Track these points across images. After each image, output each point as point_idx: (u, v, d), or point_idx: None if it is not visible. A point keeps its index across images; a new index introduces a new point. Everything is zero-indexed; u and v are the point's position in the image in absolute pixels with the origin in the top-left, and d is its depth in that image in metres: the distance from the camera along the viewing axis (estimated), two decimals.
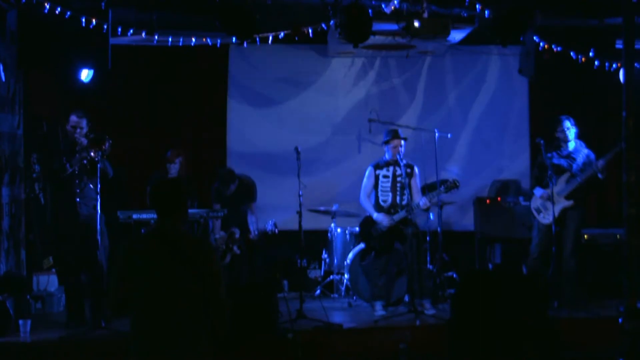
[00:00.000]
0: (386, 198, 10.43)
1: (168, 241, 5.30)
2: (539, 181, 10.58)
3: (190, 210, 9.66)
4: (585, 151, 10.41)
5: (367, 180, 10.57)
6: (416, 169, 10.59)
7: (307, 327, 9.30)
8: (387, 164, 10.47)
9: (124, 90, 12.12)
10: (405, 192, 10.30)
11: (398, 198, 10.37)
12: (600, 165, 10.03)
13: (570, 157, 10.40)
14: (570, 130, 10.41)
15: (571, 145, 10.44)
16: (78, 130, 9.53)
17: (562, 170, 10.35)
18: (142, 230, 9.90)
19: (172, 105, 12.54)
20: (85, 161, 9.37)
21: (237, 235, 10.61)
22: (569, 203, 10.21)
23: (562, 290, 10.14)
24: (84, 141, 9.44)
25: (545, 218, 10.33)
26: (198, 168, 12.34)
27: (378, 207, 10.42)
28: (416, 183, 10.60)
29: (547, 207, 10.31)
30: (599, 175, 10.10)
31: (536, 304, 8.72)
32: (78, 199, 9.49)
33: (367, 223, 10.50)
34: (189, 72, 12.46)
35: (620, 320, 8.75)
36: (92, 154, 9.25)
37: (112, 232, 10.01)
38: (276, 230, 10.71)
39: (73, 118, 9.58)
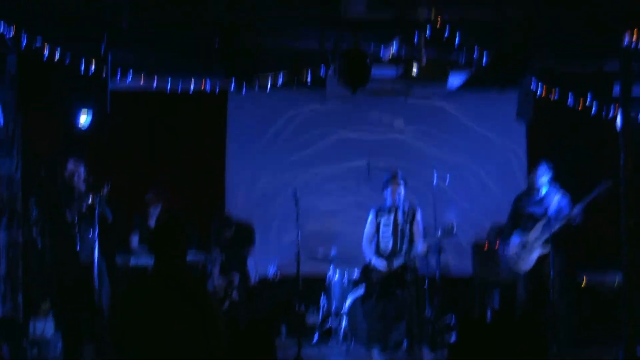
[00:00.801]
0: (387, 244, 10.46)
1: (168, 281, 5.28)
2: (513, 229, 10.59)
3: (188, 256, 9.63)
4: (557, 197, 10.42)
5: (369, 227, 10.63)
6: (418, 214, 10.61)
7: None
8: (388, 210, 10.50)
9: (123, 133, 12.16)
10: (406, 238, 10.31)
11: (399, 245, 10.37)
12: (575, 214, 10.02)
13: (542, 202, 10.42)
14: (544, 176, 10.45)
15: (544, 190, 10.47)
16: (76, 176, 9.56)
17: (535, 218, 10.36)
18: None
19: (171, 149, 12.59)
20: (84, 209, 9.38)
21: (237, 282, 10.55)
22: (547, 250, 10.18)
23: (559, 335, 10.10)
24: (83, 187, 9.46)
25: (524, 266, 10.34)
26: (197, 212, 12.32)
27: (379, 253, 10.43)
28: (418, 228, 10.61)
29: (523, 254, 10.32)
30: (573, 223, 10.09)
31: (534, 351, 8.70)
32: (79, 245, 9.48)
33: (368, 268, 10.51)
34: (188, 115, 12.48)
35: None
36: (90, 199, 9.27)
37: (113, 275, 10.01)
38: (278, 275, 10.68)
39: (70, 166, 9.65)
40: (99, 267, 9.71)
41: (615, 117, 10.73)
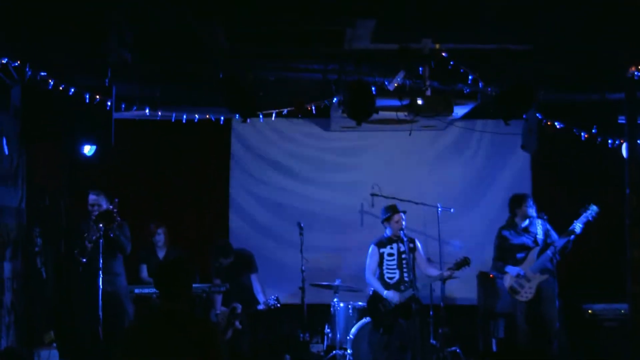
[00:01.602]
0: (393, 275, 10.44)
1: (173, 323, 5.28)
2: (503, 261, 10.59)
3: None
4: (539, 221, 10.53)
5: (370, 260, 10.59)
6: (418, 243, 10.61)
7: None
8: (389, 241, 10.49)
9: (127, 163, 12.16)
10: (411, 269, 10.30)
11: (405, 275, 10.36)
12: (578, 231, 10.07)
13: (528, 231, 10.47)
14: (534, 207, 10.59)
15: (526, 221, 10.58)
16: (96, 207, 9.61)
17: (527, 247, 10.38)
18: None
19: (175, 179, 12.65)
20: (100, 233, 9.36)
21: (239, 310, 10.51)
22: (545, 277, 10.19)
23: None
24: (95, 214, 9.53)
25: (523, 296, 10.33)
26: (200, 242, 12.34)
27: (385, 284, 10.40)
28: (421, 255, 10.62)
29: (522, 284, 10.31)
30: (571, 238, 10.12)
31: None
32: (100, 275, 9.47)
33: (375, 300, 10.48)
34: (192, 144, 12.49)
35: None
36: (100, 229, 9.28)
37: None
38: (278, 305, 10.66)
39: (91, 197, 9.72)
40: (124, 295, 9.78)
41: (620, 146, 10.75)
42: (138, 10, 8.51)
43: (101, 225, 9.31)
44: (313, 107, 10.34)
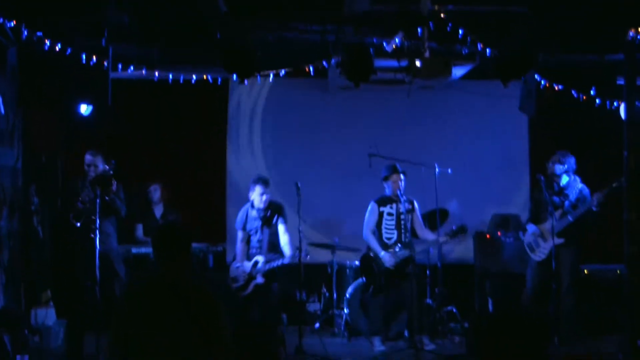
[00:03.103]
0: (391, 236, 10.39)
1: (170, 289, 5.24)
2: (534, 217, 10.56)
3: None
4: (579, 186, 10.36)
5: (370, 217, 10.52)
6: (416, 204, 10.58)
7: None
8: (390, 201, 10.44)
9: (123, 124, 12.12)
10: (409, 230, 10.29)
11: (403, 236, 10.33)
12: (597, 201, 9.96)
13: (562, 193, 10.36)
14: (564, 165, 10.39)
15: (564, 180, 10.39)
16: (92, 168, 9.55)
17: (555, 206, 10.27)
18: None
19: (172, 139, 12.62)
20: (92, 195, 9.35)
21: (260, 265, 10.28)
22: (560, 241, 10.12)
23: (561, 327, 10.10)
24: (92, 176, 9.50)
25: (538, 255, 10.31)
26: (198, 202, 12.36)
27: (382, 245, 10.39)
28: (418, 218, 10.60)
29: (539, 244, 10.29)
30: (593, 209, 10.02)
31: (536, 343, 8.73)
32: (92, 235, 9.45)
33: (368, 258, 10.45)
34: (189, 105, 12.44)
35: (620, 356, 8.81)
36: (97, 192, 9.27)
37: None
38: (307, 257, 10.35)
39: (88, 157, 9.63)
40: (115, 256, 9.76)
41: (618, 107, 10.73)
42: None
43: (98, 188, 9.32)
44: (311, 68, 10.30)
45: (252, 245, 10.34)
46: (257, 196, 10.20)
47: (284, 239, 10.28)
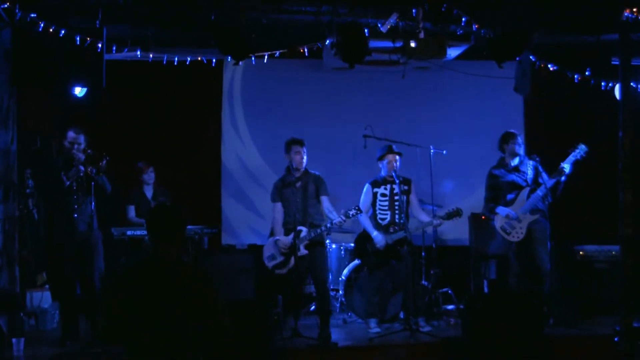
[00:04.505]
0: (385, 216, 10.39)
1: (164, 270, 5.24)
2: (495, 201, 10.56)
3: None
4: (530, 162, 10.45)
5: (364, 197, 10.51)
6: (412, 185, 10.55)
7: (301, 345, 9.31)
8: (384, 182, 10.43)
9: (118, 105, 12.11)
10: (403, 210, 10.28)
11: (397, 216, 10.32)
12: (568, 170, 10.02)
13: (518, 170, 10.41)
14: (522, 145, 10.55)
15: (516, 159, 10.51)
16: (75, 146, 9.53)
17: (517, 186, 10.34)
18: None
19: (167, 121, 12.61)
20: (81, 174, 9.37)
21: (304, 234, 10.12)
22: (535, 217, 10.20)
23: (555, 307, 10.12)
24: (82, 157, 9.45)
25: (514, 237, 10.31)
26: (192, 184, 12.35)
27: (376, 225, 10.38)
28: (414, 199, 10.57)
29: (513, 225, 10.29)
30: (562, 179, 10.06)
31: (531, 323, 8.75)
32: (75, 215, 9.47)
33: (363, 239, 10.45)
34: (184, 86, 12.43)
35: (615, 339, 8.81)
36: (88, 170, 9.29)
37: (108, 249, 10.01)
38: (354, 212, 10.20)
39: (70, 134, 9.59)
40: (95, 238, 9.73)
41: (613, 88, 10.72)
42: None
43: (88, 168, 9.35)
44: (305, 49, 10.27)
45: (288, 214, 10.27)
46: (294, 155, 10.22)
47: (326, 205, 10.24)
